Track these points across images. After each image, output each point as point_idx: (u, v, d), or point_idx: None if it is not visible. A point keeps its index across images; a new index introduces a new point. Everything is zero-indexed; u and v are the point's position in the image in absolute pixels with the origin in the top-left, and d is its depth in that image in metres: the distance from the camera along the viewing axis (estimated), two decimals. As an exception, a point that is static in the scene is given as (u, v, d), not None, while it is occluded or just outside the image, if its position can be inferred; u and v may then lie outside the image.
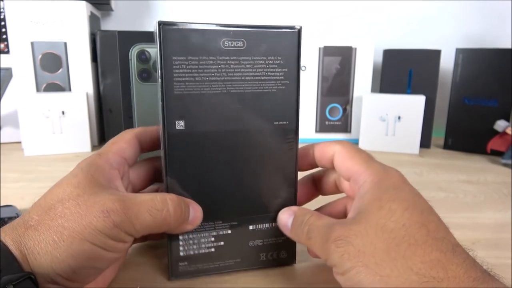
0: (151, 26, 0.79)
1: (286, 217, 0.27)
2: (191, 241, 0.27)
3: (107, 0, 0.70)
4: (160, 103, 0.24)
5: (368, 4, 0.81)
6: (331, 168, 0.28)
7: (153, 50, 0.32)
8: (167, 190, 0.25)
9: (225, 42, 0.24)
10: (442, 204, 0.43)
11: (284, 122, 0.26)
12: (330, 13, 0.81)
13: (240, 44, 0.24)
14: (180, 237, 0.27)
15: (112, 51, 0.62)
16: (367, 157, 0.26)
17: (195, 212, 0.25)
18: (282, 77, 0.26)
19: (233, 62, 0.24)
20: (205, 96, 0.24)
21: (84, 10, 0.62)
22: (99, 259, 0.22)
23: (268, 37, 0.25)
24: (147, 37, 0.33)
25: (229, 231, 0.27)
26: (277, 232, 0.28)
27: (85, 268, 0.21)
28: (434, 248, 0.20)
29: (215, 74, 0.24)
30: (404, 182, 0.24)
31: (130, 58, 0.32)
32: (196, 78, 0.24)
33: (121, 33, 0.32)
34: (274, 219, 0.28)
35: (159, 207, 0.23)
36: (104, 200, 0.22)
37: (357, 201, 0.23)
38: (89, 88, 0.65)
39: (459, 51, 0.67)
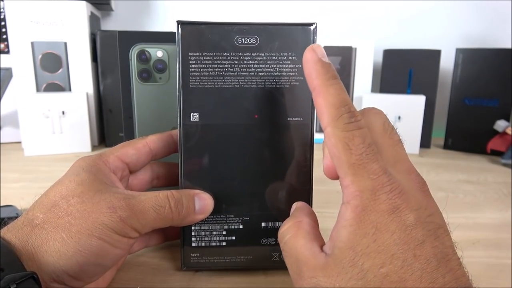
0: (151, 26, 0.80)
1: None
2: (203, 233, 0.27)
3: (107, 0, 0.70)
4: (177, 96, 0.25)
5: (368, 4, 0.81)
6: None
7: (153, 50, 0.32)
8: (182, 179, 0.26)
9: (239, 39, 0.25)
10: (442, 204, 0.43)
11: (298, 119, 0.27)
12: (330, 13, 0.81)
13: (253, 41, 0.25)
14: (193, 228, 0.27)
15: (112, 51, 0.62)
16: (361, 163, 0.19)
17: (203, 201, 0.26)
18: (296, 73, 0.26)
19: (246, 58, 0.25)
20: (219, 90, 0.26)
21: (84, 10, 0.62)
22: (105, 255, 0.22)
23: (281, 34, 0.25)
24: (147, 37, 0.33)
25: (241, 226, 0.28)
26: None
27: (92, 264, 0.22)
28: None
29: (229, 69, 0.25)
30: (391, 214, 0.18)
31: (130, 58, 0.32)
32: (210, 73, 0.25)
33: (121, 33, 0.32)
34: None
35: (162, 203, 0.24)
36: (110, 198, 0.22)
37: (335, 234, 0.19)
38: (89, 88, 0.65)
39: (459, 51, 0.67)
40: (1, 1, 0.64)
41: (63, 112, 0.61)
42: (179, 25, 0.25)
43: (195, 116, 0.26)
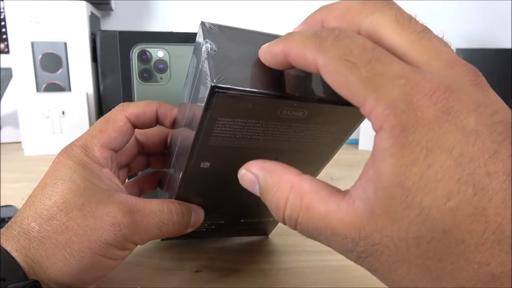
0: (151, 26, 0.79)
1: (250, 178, 0.18)
2: None
3: (107, 0, 0.70)
4: (190, 147, 0.21)
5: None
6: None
7: (154, 50, 0.32)
8: (174, 196, 0.25)
9: (284, 111, 0.20)
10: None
11: (308, 169, 0.26)
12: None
13: (300, 114, 0.21)
14: None
15: (112, 51, 0.62)
16: (375, 71, 0.14)
17: (197, 216, 0.26)
18: (328, 140, 0.23)
19: (283, 126, 0.22)
20: (240, 149, 0.22)
21: (84, 10, 0.62)
22: (106, 268, 0.23)
23: (332, 110, 0.21)
24: (148, 37, 0.33)
25: (222, 221, 0.30)
26: (264, 224, 0.31)
27: (93, 277, 0.22)
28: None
29: (260, 134, 0.21)
30: (443, 123, 0.13)
31: (131, 58, 0.32)
32: (237, 136, 0.21)
33: (122, 33, 0.32)
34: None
35: (166, 220, 0.23)
36: (114, 212, 0.21)
37: (372, 171, 0.14)
38: (89, 88, 0.64)
39: (459, 51, 0.67)
40: (1, 1, 0.64)
41: (63, 112, 0.60)
42: (215, 93, 0.18)
43: (205, 164, 0.23)
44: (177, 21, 0.80)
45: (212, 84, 0.17)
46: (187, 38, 0.33)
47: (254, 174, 0.18)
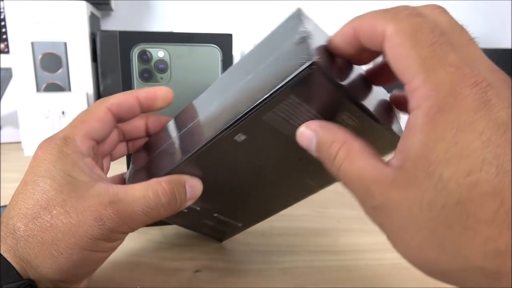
0: (151, 26, 0.80)
1: (309, 134, 0.20)
2: None
3: (107, 0, 0.70)
4: (234, 116, 0.20)
5: (368, 4, 0.81)
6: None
7: (155, 50, 0.32)
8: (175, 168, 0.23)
9: (344, 116, 0.21)
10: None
11: (312, 182, 0.27)
12: (330, 13, 0.81)
13: (352, 123, 0.22)
14: None
15: (112, 51, 0.62)
16: (434, 55, 0.15)
17: (194, 189, 0.24)
18: None
19: None
20: (283, 136, 0.21)
21: (84, 10, 0.62)
22: (99, 260, 0.22)
23: (377, 130, 0.22)
24: (148, 37, 0.33)
25: (198, 208, 0.27)
26: (230, 227, 0.31)
27: (86, 270, 0.22)
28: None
29: None
30: (479, 111, 0.14)
31: (131, 58, 0.32)
32: (290, 121, 0.21)
33: (122, 33, 0.32)
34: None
35: (152, 205, 0.22)
36: (95, 206, 0.21)
37: (403, 145, 0.16)
38: (89, 88, 0.64)
39: (459, 51, 0.67)
40: (1, 1, 0.64)
41: (63, 112, 0.60)
42: (310, 70, 0.18)
43: (241, 137, 0.21)
44: (177, 21, 0.80)
45: (313, 60, 0.18)
46: (187, 38, 0.33)
47: (313, 131, 0.19)
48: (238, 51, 0.73)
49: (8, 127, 0.67)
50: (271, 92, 0.19)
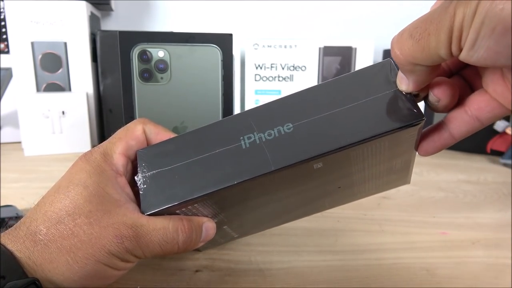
0: (151, 26, 0.80)
1: None
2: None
3: (107, 0, 0.70)
4: (346, 140, 0.20)
5: (368, 3, 0.81)
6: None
7: (155, 50, 0.32)
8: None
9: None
10: (442, 204, 0.43)
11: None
12: (330, 13, 0.81)
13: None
14: None
15: (112, 51, 0.62)
16: None
17: (207, 232, 0.24)
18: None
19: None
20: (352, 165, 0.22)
21: (84, 10, 0.62)
22: (109, 277, 0.22)
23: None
24: (148, 37, 0.33)
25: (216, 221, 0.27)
26: (228, 236, 0.30)
27: (95, 285, 0.22)
28: None
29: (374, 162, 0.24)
30: None
31: (131, 58, 0.32)
32: (366, 153, 0.22)
33: (122, 33, 0.32)
34: None
35: (169, 239, 0.22)
36: (118, 224, 0.21)
37: None
38: (89, 88, 0.64)
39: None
40: (1, 1, 0.64)
41: (63, 112, 0.61)
42: (420, 121, 0.21)
43: (319, 165, 0.21)
44: (177, 21, 0.80)
45: (424, 118, 0.21)
46: (187, 38, 0.33)
47: None
48: (238, 51, 0.73)
49: (8, 127, 0.67)
50: (377, 133, 0.19)
